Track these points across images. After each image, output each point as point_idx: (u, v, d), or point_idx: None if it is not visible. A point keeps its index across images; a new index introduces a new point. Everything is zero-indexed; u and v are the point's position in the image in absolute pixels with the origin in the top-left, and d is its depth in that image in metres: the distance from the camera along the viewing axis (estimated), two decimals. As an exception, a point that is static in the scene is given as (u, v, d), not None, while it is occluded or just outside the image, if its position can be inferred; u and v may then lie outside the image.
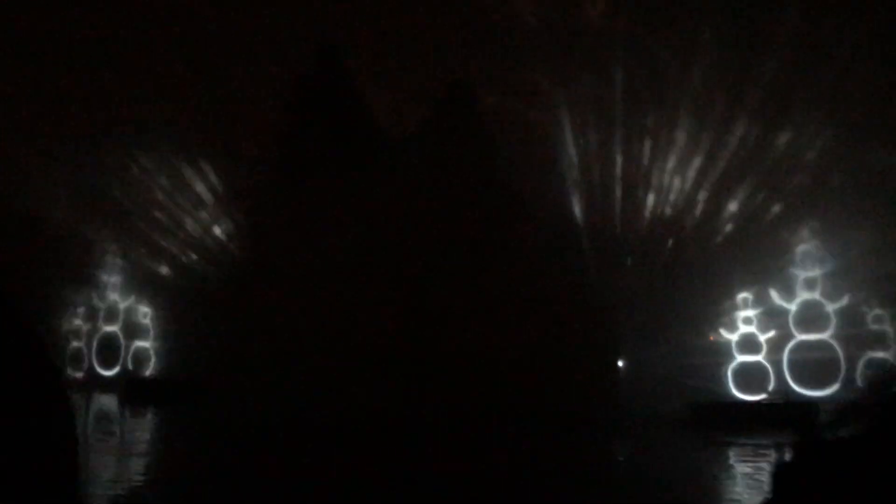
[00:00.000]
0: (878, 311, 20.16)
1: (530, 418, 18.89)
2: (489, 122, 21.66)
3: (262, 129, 24.37)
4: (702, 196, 21.26)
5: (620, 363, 20.89)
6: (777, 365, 20.19)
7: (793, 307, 20.49)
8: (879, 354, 20.13)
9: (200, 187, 25.85)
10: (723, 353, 20.75)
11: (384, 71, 22.36)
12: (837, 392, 19.27)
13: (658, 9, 20.40)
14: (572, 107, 21.14)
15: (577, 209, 21.43)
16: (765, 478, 13.90)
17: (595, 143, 21.24)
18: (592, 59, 20.92)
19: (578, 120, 21.21)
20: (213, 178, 25.46)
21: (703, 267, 20.89)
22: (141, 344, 25.86)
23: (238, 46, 24.35)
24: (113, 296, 26.13)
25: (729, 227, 21.07)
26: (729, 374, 20.28)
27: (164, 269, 26.00)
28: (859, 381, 19.61)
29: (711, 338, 21.19)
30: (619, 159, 21.41)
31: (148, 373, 25.70)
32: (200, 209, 25.88)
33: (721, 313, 20.94)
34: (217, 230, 25.60)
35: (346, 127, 23.04)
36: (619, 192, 21.41)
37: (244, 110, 24.41)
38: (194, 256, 25.80)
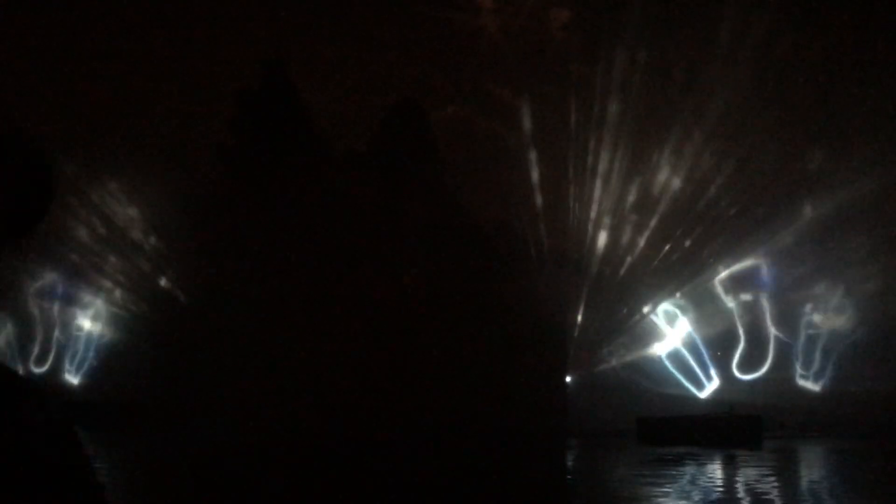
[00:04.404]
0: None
1: (482, 434, 19.02)
2: (445, 136, 21.73)
3: (206, 146, 23.96)
4: (656, 218, 21.54)
5: (568, 379, 21.17)
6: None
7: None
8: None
9: (138, 207, 25.24)
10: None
11: (337, 86, 22.26)
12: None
13: (620, 23, 20.77)
14: (534, 119, 21.38)
15: (531, 224, 21.57)
16: (714, 487, 14.25)
17: (553, 157, 21.43)
18: (554, 71, 21.19)
19: (539, 132, 21.40)
20: (153, 196, 24.84)
21: (649, 285, 21.34)
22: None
23: (182, 61, 23.98)
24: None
25: (673, 249, 21.47)
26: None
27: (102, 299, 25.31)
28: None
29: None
30: (575, 174, 21.62)
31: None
32: (138, 230, 25.27)
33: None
34: (159, 249, 25.01)
35: (295, 145, 22.85)
36: (574, 208, 21.62)
37: (187, 128, 23.97)
38: (133, 280, 25.17)
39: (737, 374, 21.51)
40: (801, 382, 21.41)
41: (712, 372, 21.43)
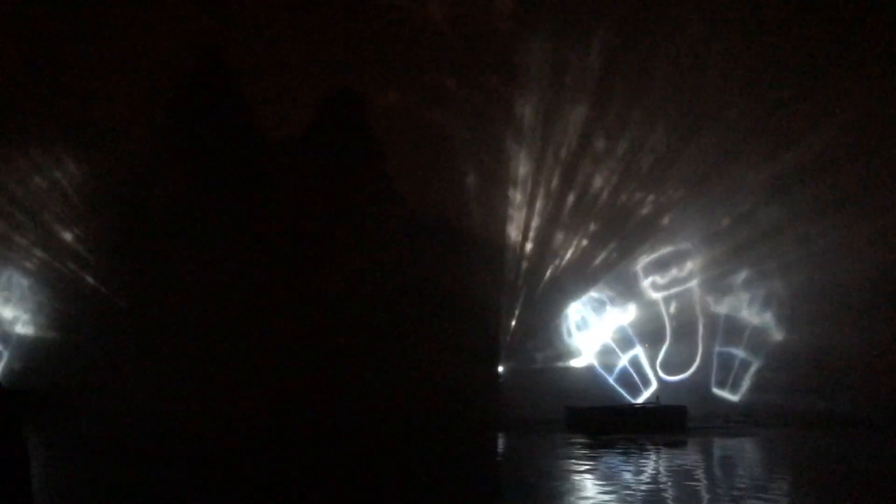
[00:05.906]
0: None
1: (412, 422, 19.09)
2: (385, 125, 21.69)
3: (142, 134, 23.44)
4: (594, 216, 21.80)
5: (501, 369, 21.35)
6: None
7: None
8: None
9: (63, 193, 24.64)
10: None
11: (275, 71, 22.08)
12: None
13: (568, 11, 21.02)
14: (476, 109, 21.44)
15: (469, 214, 21.60)
16: (640, 477, 14.57)
17: (494, 150, 21.52)
18: (499, 59, 21.32)
19: (480, 123, 21.46)
20: (82, 178, 24.23)
21: (579, 278, 21.67)
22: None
23: (114, 43, 23.50)
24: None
25: (611, 249, 21.84)
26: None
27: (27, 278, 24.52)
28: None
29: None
30: (518, 164, 21.75)
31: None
32: (62, 219, 24.60)
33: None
34: (84, 235, 24.39)
35: (230, 130, 22.60)
36: (516, 198, 21.73)
37: (118, 113, 23.48)
38: (63, 263, 24.51)
39: (661, 374, 21.55)
40: (717, 390, 21.65)
41: (650, 376, 21.41)
